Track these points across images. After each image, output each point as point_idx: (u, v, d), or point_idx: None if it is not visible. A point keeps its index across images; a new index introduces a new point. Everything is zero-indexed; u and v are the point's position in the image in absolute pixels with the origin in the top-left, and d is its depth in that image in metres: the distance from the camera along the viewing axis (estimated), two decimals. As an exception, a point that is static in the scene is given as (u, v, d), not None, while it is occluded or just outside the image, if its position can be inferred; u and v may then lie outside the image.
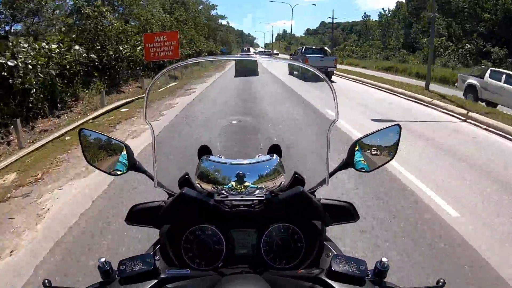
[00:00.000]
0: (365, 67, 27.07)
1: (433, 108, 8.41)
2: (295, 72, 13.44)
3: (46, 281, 0.63)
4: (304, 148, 3.80)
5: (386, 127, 0.83)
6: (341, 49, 44.71)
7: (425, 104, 8.92)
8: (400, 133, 0.84)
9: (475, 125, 6.58)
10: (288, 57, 28.21)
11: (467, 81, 10.21)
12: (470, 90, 9.96)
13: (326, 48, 18.54)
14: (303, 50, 17.46)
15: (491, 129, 6.16)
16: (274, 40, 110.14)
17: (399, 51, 33.15)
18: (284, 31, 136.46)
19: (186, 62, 0.89)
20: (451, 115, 7.56)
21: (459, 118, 7.18)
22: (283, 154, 0.88)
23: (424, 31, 30.40)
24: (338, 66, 16.33)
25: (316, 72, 0.81)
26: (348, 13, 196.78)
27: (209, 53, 29.25)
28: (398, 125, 0.84)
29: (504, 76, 8.98)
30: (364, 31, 48.49)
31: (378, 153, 0.83)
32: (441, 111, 8.01)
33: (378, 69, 25.36)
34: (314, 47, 18.33)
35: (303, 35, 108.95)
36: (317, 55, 15.53)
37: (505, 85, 8.71)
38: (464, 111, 7.33)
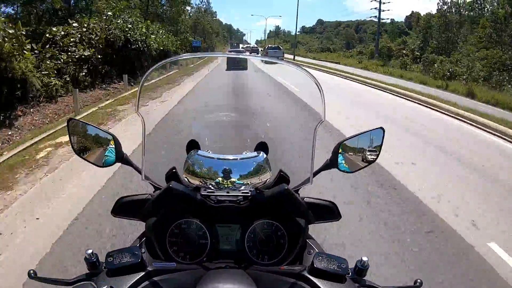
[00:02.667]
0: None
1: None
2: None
3: (32, 271, 0.61)
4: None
5: (370, 130, 0.85)
6: (395, 55, 28.04)
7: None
8: (383, 136, 0.85)
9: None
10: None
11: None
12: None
13: (280, 47, 33.39)
14: (266, 48, 32.79)
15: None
16: (266, 37, 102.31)
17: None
18: (277, 27, 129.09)
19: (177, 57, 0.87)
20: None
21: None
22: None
23: None
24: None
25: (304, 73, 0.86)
26: (335, 13, 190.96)
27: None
28: (381, 128, 0.85)
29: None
30: (424, 30, 29.26)
31: (361, 155, 0.85)
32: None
33: None
34: (273, 46, 32.29)
35: (298, 33, 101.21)
36: (274, 50, 31.07)
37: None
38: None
